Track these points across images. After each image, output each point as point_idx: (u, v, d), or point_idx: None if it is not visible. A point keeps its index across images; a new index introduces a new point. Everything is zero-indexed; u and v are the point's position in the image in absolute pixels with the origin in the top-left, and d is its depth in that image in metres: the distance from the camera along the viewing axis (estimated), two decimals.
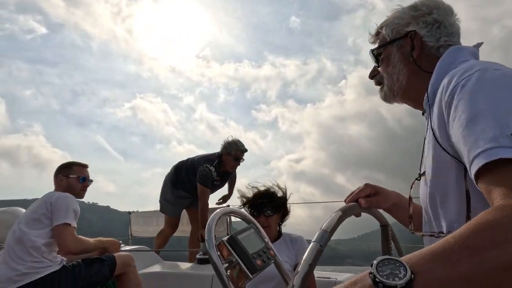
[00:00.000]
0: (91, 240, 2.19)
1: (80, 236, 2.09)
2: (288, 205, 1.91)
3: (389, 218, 1.06)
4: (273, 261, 0.98)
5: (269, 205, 1.81)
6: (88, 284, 2.07)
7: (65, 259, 2.08)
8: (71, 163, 2.33)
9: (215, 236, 0.90)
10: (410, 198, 0.88)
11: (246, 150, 3.40)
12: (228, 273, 0.86)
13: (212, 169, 3.26)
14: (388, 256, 0.46)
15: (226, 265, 0.87)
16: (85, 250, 2.12)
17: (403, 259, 0.45)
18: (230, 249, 0.90)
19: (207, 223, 0.92)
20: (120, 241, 2.43)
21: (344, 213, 0.80)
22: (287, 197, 1.90)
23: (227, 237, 0.93)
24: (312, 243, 0.66)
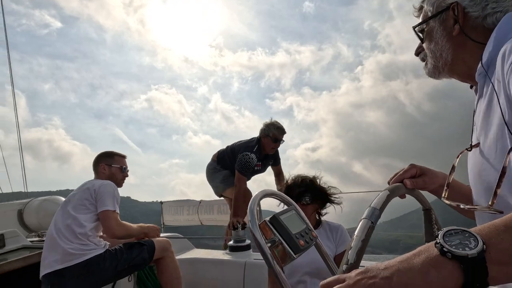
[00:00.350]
0: (134, 225, 2.28)
1: (123, 222, 2.18)
2: (331, 196, 1.86)
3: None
4: (314, 242, 0.97)
5: (307, 193, 1.78)
6: (129, 267, 2.16)
7: (108, 243, 2.18)
8: (112, 153, 2.43)
9: (258, 215, 0.90)
10: (454, 167, 0.85)
11: (284, 131, 3.27)
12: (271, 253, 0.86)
13: (252, 156, 3.17)
14: (455, 227, 0.44)
15: (269, 244, 0.87)
16: (129, 234, 2.22)
17: (471, 229, 0.43)
18: (273, 229, 0.90)
19: (249, 204, 0.93)
20: (159, 227, 2.51)
21: (392, 193, 0.77)
22: (327, 187, 1.85)
23: (269, 217, 0.93)
24: (362, 220, 0.64)
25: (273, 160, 3.51)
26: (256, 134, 3.35)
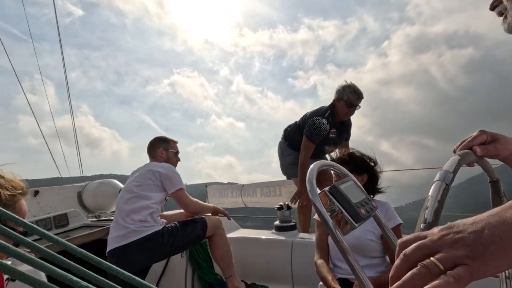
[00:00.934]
0: (203, 203, 2.48)
1: (195, 199, 2.40)
2: (379, 173, 1.82)
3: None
4: (374, 213, 0.96)
5: (346, 166, 1.76)
6: (184, 243, 2.28)
7: (164, 221, 2.30)
8: (167, 138, 2.58)
9: (317, 185, 0.90)
10: None
11: (361, 95, 2.94)
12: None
13: (323, 121, 2.90)
14: None
15: (329, 213, 0.87)
16: (202, 210, 2.40)
17: None
18: (332, 198, 0.90)
19: (308, 174, 0.93)
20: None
21: (462, 158, 0.74)
22: (376, 163, 1.81)
23: (328, 187, 0.93)
24: (435, 182, 0.62)
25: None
26: (279, 115, 3.28)
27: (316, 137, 2.92)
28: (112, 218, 3.37)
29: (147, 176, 2.31)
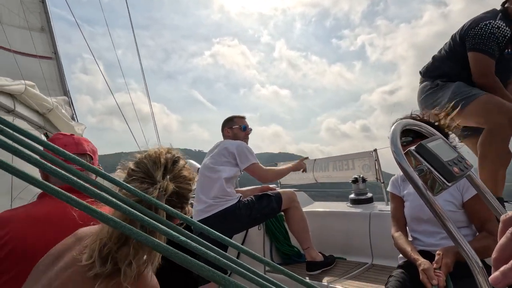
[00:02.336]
0: (277, 168, 2.58)
1: (268, 167, 2.52)
2: (452, 137, 1.65)
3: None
4: (469, 172, 0.88)
5: (411, 132, 1.62)
6: (261, 216, 2.37)
7: (241, 195, 2.41)
8: (232, 116, 2.68)
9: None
10: None
11: None
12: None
13: (498, 23, 1.97)
14: None
15: (416, 173, 0.83)
16: (278, 176, 2.54)
17: None
18: (420, 157, 0.85)
19: (391, 133, 0.88)
20: (306, 157, 2.81)
21: None
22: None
23: (414, 146, 0.87)
24: None
25: None
26: (326, 80, 3.07)
27: (491, 44, 1.94)
28: (191, 195, 3.64)
29: (221, 153, 2.44)
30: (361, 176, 2.74)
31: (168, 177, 0.78)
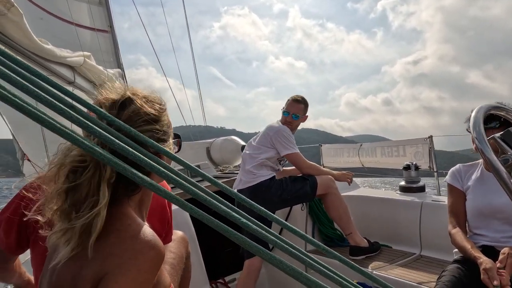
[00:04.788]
0: (320, 167, 2.55)
1: (311, 162, 2.49)
2: None
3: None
4: None
5: (494, 119, 1.48)
6: (292, 198, 2.37)
7: (274, 174, 2.41)
8: (288, 99, 2.59)
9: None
10: None
11: None
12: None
13: None
14: None
15: (501, 162, 0.74)
16: (317, 173, 2.44)
17: None
18: (504, 145, 0.76)
19: (472, 118, 0.80)
20: (352, 173, 2.60)
21: None
22: None
23: (499, 133, 0.79)
24: None
25: None
26: (344, 50, 2.86)
27: None
28: (235, 171, 3.69)
29: (263, 137, 2.47)
30: (414, 163, 2.60)
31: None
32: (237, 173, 3.28)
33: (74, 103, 0.54)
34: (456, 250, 1.62)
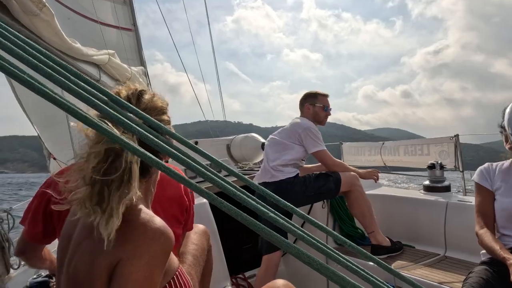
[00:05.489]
0: (346, 165, 2.49)
1: (338, 160, 2.47)
2: None
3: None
4: None
5: None
6: (316, 194, 2.35)
7: (298, 171, 2.41)
8: (316, 93, 2.57)
9: None
10: None
11: None
12: None
13: None
14: None
15: None
16: (344, 170, 2.41)
17: None
18: None
19: (507, 115, 0.78)
20: (379, 171, 2.59)
21: None
22: None
23: None
24: None
25: None
26: (361, 40, 2.80)
27: None
28: (254, 168, 3.70)
29: (289, 133, 2.44)
30: (439, 162, 2.53)
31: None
32: (257, 170, 3.29)
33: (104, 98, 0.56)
34: (484, 251, 1.58)
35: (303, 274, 2.55)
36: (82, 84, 0.53)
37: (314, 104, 2.52)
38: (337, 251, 0.56)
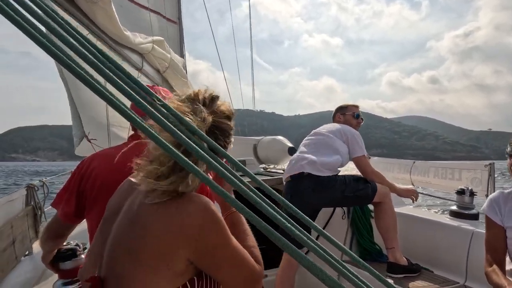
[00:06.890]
0: (383, 176, 2.48)
1: (377, 171, 2.47)
2: None
3: None
4: None
5: None
6: (354, 197, 2.31)
7: (339, 170, 2.42)
8: (345, 105, 2.68)
9: None
10: None
11: None
12: None
13: None
14: None
15: None
16: (379, 181, 2.42)
17: None
18: None
19: None
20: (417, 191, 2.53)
21: None
22: None
23: None
24: None
25: None
26: (383, 23, 2.70)
27: None
28: (278, 170, 3.71)
29: (337, 132, 2.46)
30: (470, 188, 2.45)
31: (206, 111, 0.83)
32: (281, 173, 3.30)
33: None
34: None
35: (314, 283, 2.54)
36: (138, 89, 0.57)
37: (344, 113, 2.61)
38: (350, 269, 0.56)
